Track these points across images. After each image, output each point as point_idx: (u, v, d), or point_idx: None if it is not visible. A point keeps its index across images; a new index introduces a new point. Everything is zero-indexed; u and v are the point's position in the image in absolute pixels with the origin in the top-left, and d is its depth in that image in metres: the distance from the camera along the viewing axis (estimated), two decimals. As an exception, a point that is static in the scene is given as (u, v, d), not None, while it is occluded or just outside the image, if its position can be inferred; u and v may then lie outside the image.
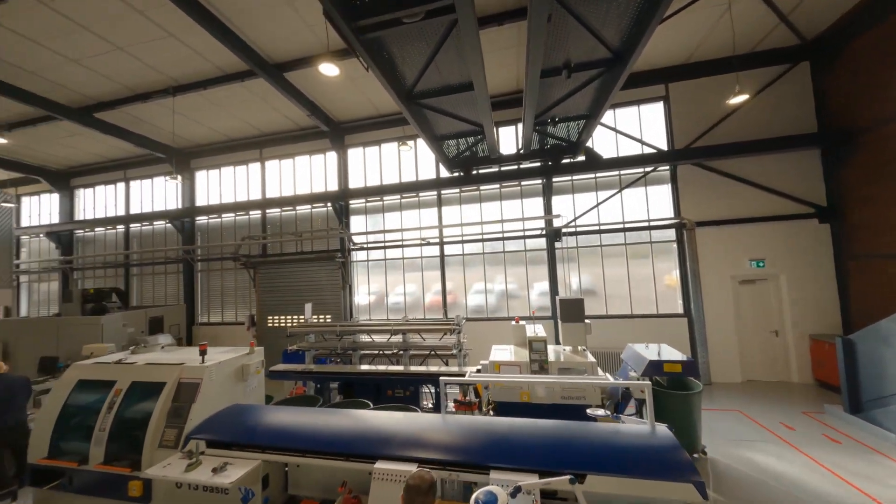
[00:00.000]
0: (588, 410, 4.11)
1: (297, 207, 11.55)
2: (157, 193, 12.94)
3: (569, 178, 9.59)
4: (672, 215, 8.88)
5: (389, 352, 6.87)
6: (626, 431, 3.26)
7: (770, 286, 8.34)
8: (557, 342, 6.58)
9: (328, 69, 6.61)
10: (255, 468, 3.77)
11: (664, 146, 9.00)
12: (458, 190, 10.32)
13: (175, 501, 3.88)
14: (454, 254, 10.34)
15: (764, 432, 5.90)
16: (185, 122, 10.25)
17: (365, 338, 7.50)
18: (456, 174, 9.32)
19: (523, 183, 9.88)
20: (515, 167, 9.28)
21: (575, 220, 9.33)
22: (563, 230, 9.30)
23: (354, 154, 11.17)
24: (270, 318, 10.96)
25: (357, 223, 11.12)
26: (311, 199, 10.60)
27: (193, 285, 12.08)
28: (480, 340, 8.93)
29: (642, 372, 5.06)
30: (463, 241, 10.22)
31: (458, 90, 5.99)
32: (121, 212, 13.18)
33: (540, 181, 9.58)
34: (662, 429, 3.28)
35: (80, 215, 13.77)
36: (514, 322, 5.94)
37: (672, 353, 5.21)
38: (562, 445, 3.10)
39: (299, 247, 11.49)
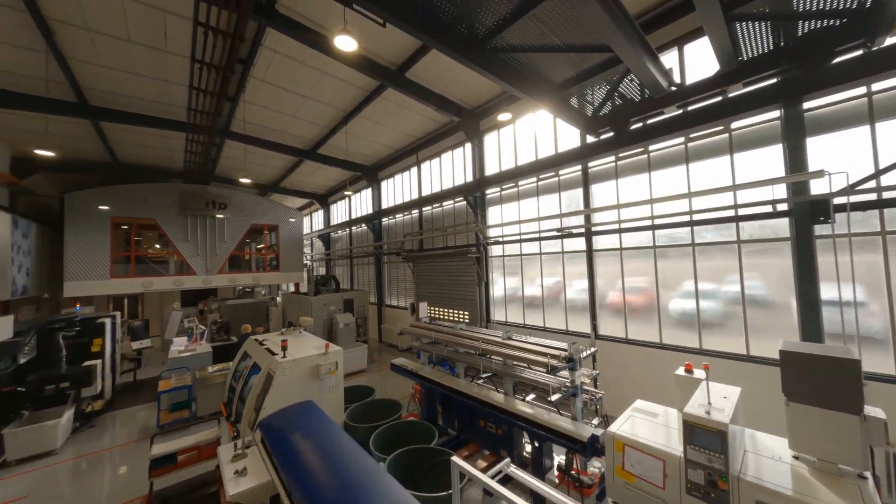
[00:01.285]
0: None
1: (444, 204, 11.60)
2: (365, 202, 16.37)
3: (841, 98, 4.69)
4: None
5: (486, 374, 5.48)
6: None
7: None
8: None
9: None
10: (262, 484, 3.56)
11: None
12: (610, 159, 7.23)
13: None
14: (608, 248, 7.37)
15: None
16: (366, 143, 12.19)
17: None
18: (604, 136, 6.45)
19: (737, 126, 5.67)
20: (718, 99, 5.34)
21: (867, 180, 4.43)
22: (836, 200, 4.64)
23: (491, 142, 9.95)
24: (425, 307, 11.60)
25: (494, 215, 9.93)
26: (448, 194, 10.30)
27: (381, 275, 14.59)
28: (639, 379, 5.90)
29: None
30: (621, 230, 7.10)
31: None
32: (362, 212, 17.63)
33: (773, 113, 5.19)
34: None
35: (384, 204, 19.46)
36: (682, 371, 3.35)
37: None
38: None
39: (444, 242, 11.55)
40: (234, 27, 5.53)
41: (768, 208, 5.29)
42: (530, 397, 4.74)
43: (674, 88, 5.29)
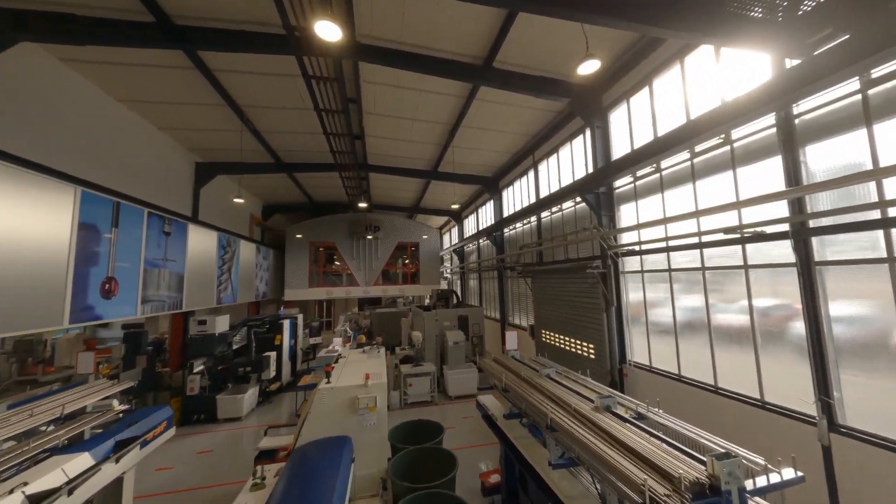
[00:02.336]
0: None
1: (564, 207, 9.50)
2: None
3: None
4: None
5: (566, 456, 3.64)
6: None
7: None
8: None
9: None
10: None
11: None
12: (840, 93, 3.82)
13: None
14: (847, 258, 3.88)
15: None
16: (479, 153, 11.64)
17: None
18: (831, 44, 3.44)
19: None
20: None
21: None
22: None
23: (619, 119, 7.41)
24: (544, 332, 9.73)
25: (628, 215, 7.24)
26: (561, 195, 8.27)
27: (503, 290, 13.41)
28: None
29: None
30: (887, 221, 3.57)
31: None
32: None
33: None
34: None
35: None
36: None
37: None
38: None
39: (565, 254, 9.37)
40: (333, 69, 6.09)
41: None
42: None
43: None
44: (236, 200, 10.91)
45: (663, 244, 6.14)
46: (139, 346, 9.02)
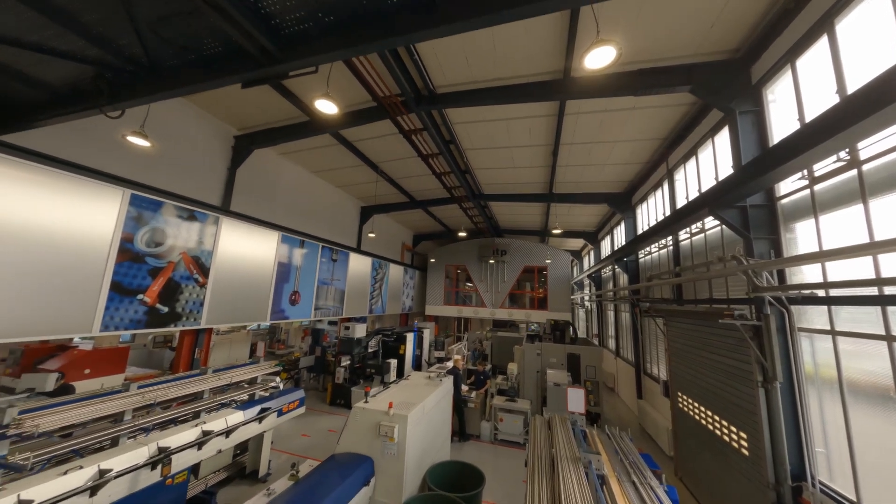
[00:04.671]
0: None
1: (707, 229, 6.81)
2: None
3: None
4: None
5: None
6: None
7: None
8: None
9: None
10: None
11: None
12: None
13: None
14: None
15: None
16: (596, 169, 10.04)
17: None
18: None
19: None
20: None
21: None
22: None
23: (783, 93, 4.87)
24: (681, 396, 7.08)
25: (805, 237, 4.52)
26: (686, 212, 5.99)
27: (637, 329, 10.56)
28: None
29: None
30: None
31: None
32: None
33: None
34: None
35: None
36: None
37: None
38: None
39: (710, 291, 6.60)
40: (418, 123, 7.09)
41: None
42: None
43: None
44: (370, 235, 13.46)
45: (874, 290, 3.40)
46: (318, 340, 12.32)
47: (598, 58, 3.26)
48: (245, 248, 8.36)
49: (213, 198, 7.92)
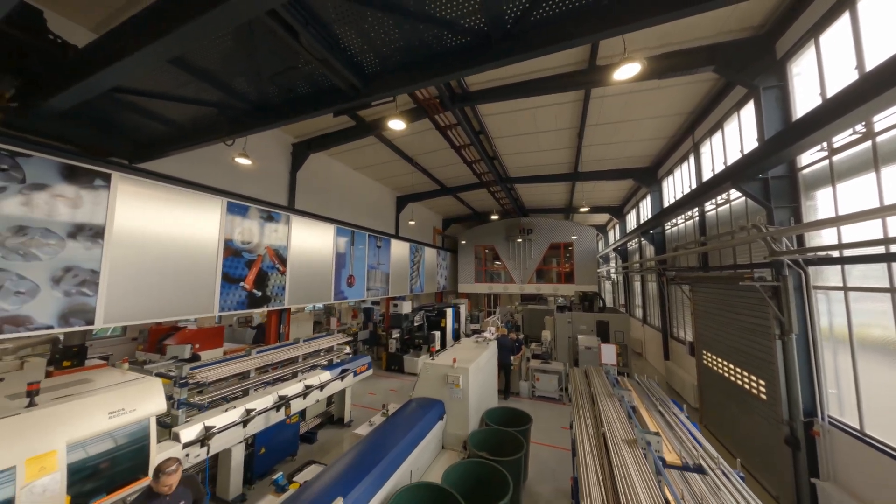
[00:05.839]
0: None
1: (732, 199, 7.01)
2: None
3: None
4: None
5: None
6: None
7: None
8: None
9: None
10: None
11: None
12: None
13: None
14: None
15: None
16: (620, 146, 10.10)
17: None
18: None
19: None
20: None
21: None
22: None
23: (807, 67, 4.99)
24: (706, 354, 7.56)
25: (824, 203, 4.80)
26: (711, 185, 6.26)
27: (664, 296, 10.86)
28: None
29: None
30: None
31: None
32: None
33: None
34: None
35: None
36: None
37: None
38: None
39: (734, 258, 6.90)
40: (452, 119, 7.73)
41: None
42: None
43: None
44: (410, 223, 14.29)
45: (882, 248, 3.75)
46: (370, 317, 13.65)
47: (625, 72, 3.71)
48: (310, 240, 9.49)
49: (282, 199, 9.02)
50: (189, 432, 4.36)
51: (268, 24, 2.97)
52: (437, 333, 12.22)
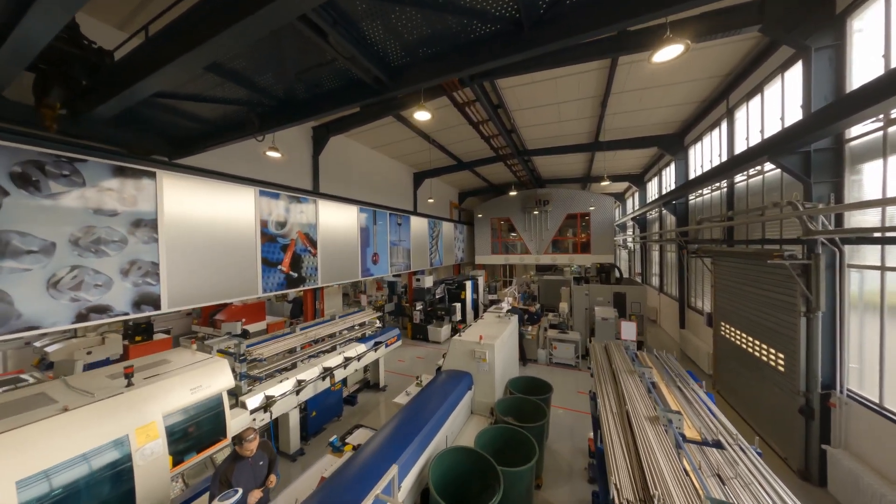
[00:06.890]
0: None
1: (766, 171, 6.56)
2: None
3: None
4: None
5: None
6: None
7: None
8: None
9: None
10: (414, 407, 5.52)
11: None
12: None
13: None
14: None
15: None
16: (647, 113, 9.42)
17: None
18: None
19: None
20: None
21: None
22: None
23: (872, 18, 4.38)
24: (724, 325, 7.56)
25: (871, 178, 4.47)
26: (745, 158, 5.86)
27: (683, 268, 10.64)
28: None
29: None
30: None
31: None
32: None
33: None
34: None
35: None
36: None
37: None
38: None
39: (763, 232, 6.61)
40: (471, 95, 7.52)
41: None
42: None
43: None
44: (429, 201, 14.19)
45: (930, 230, 3.51)
46: (394, 290, 14.16)
47: (667, 53, 3.40)
48: (336, 221, 9.69)
49: (306, 184, 9.13)
50: (253, 401, 4.92)
51: (296, 27, 2.87)
52: (458, 305, 12.60)
